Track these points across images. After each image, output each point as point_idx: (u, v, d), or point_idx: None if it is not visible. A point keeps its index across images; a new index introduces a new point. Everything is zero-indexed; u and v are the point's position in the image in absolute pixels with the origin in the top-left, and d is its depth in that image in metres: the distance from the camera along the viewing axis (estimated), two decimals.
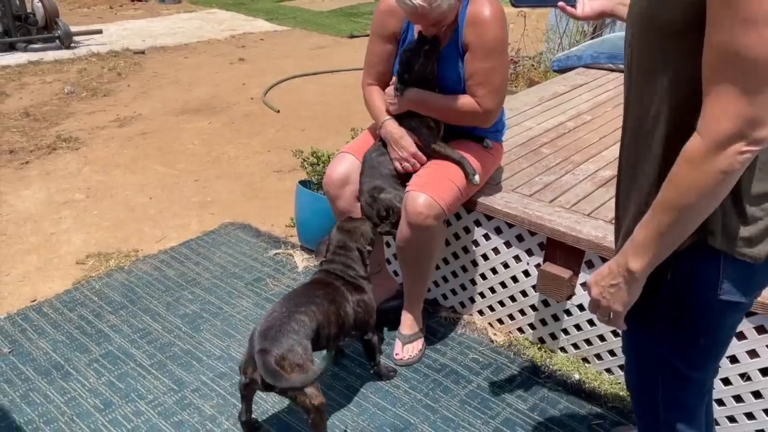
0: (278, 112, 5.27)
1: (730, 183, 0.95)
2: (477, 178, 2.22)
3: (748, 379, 1.91)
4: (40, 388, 2.24)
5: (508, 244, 2.36)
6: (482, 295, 2.55)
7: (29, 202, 3.68)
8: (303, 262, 3.02)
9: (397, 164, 2.25)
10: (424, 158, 2.25)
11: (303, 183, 3.08)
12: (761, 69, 0.87)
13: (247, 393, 1.94)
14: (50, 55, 6.93)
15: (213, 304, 2.72)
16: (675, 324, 1.16)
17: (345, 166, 2.34)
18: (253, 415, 2.02)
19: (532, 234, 2.26)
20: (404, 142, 2.23)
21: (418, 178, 2.20)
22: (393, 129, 2.25)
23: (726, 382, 1.96)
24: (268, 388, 1.78)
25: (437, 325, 2.59)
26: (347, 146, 2.42)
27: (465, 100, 2.14)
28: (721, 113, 0.91)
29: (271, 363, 1.72)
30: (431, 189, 2.12)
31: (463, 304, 2.63)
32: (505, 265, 2.41)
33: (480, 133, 2.34)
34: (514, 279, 2.40)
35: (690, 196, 0.97)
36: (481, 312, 2.58)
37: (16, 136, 4.68)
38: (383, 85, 2.36)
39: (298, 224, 3.12)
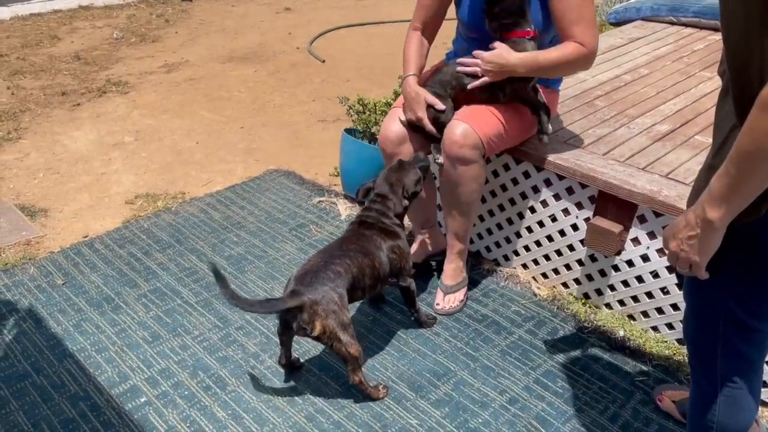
0: (323, 62, 5.22)
1: None
2: (546, 138, 2.15)
3: None
4: (91, 318, 2.32)
5: (557, 197, 2.31)
6: (527, 248, 2.51)
7: (81, 142, 3.76)
8: (346, 211, 3.02)
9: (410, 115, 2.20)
10: (430, 127, 2.15)
11: (348, 131, 3.05)
12: None
13: (284, 337, 1.96)
14: (100, 1, 6.98)
15: (257, 248, 2.75)
16: (743, 273, 1.11)
17: (400, 124, 2.27)
18: (295, 355, 2.05)
19: (583, 187, 2.20)
20: (415, 104, 2.15)
21: (464, 110, 2.14)
22: (409, 87, 2.18)
23: None
24: (302, 332, 1.80)
25: (479, 277, 2.57)
26: (400, 101, 2.33)
27: (569, 48, 1.97)
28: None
29: (294, 303, 1.76)
30: (473, 120, 2.07)
31: (506, 258, 2.60)
32: (553, 219, 2.35)
33: (542, 81, 2.24)
34: (562, 233, 2.35)
35: (765, 143, 0.92)
36: (525, 266, 2.55)
37: (67, 78, 4.76)
38: (429, 35, 2.28)
39: (343, 173, 3.11)
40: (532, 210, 2.41)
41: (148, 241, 2.79)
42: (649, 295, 2.18)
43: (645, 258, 2.14)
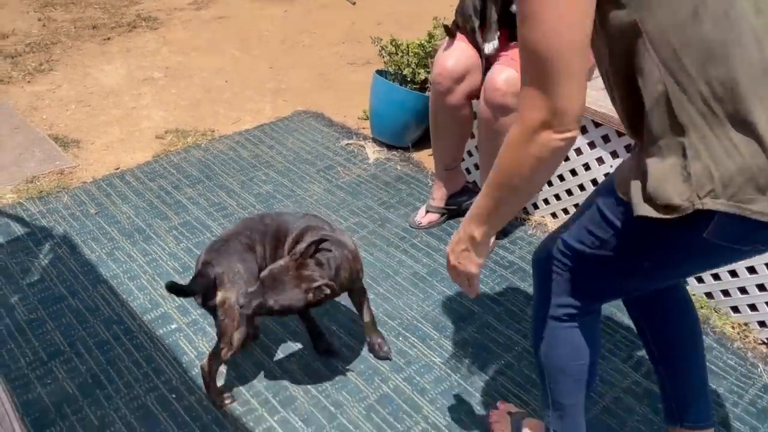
0: (354, 4, 5.11)
1: (545, 168, 1.03)
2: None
3: None
4: (123, 247, 2.37)
5: (592, 145, 2.27)
6: (557, 197, 2.49)
7: (111, 77, 3.76)
8: (374, 154, 3.01)
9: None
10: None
11: (380, 73, 3.01)
12: (551, 63, 0.93)
13: None
14: None
15: (285, 187, 2.76)
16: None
17: (458, 57, 2.16)
18: None
19: (620, 135, 2.16)
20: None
21: (510, 54, 2.08)
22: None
23: None
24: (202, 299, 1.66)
25: (508, 225, 2.55)
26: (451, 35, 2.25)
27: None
28: (530, 103, 0.97)
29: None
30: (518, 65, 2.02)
31: (535, 206, 2.58)
32: (586, 167, 2.32)
33: None
34: (594, 182, 2.32)
35: (512, 178, 1.05)
36: (554, 215, 2.53)
37: (98, 12, 4.74)
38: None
39: (372, 115, 3.08)
40: (566, 158, 2.38)
41: (178, 175, 2.82)
42: None
43: None
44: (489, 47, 2.12)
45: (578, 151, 2.33)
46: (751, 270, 1.97)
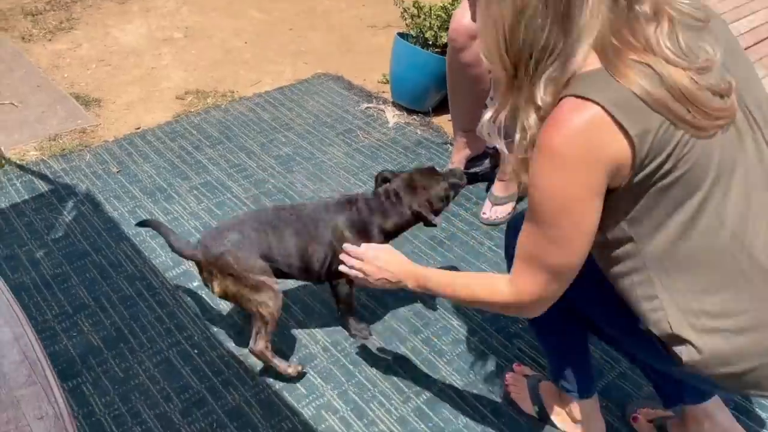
0: None
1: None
2: None
3: None
4: (145, 206, 2.40)
5: None
6: None
7: (131, 36, 3.75)
8: (394, 118, 2.99)
9: None
10: None
11: (401, 36, 2.97)
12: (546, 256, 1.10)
13: None
14: None
15: (305, 149, 2.76)
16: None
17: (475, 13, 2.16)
18: None
19: None
20: None
21: None
22: None
23: None
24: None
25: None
26: None
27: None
28: (531, 279, 1.13)
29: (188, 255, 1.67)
30: None
31: None
32: None
33: None
34: None
35: (476, 306, 1.38)
36: None
37: None
38: None
39: (393, 79, 3.05)
40: None
41: (199, 136, 2.83)
42: None
43: None
44: None
45: None
46: None
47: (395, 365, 1.80)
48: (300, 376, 1.74)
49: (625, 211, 1.05)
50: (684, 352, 1.09)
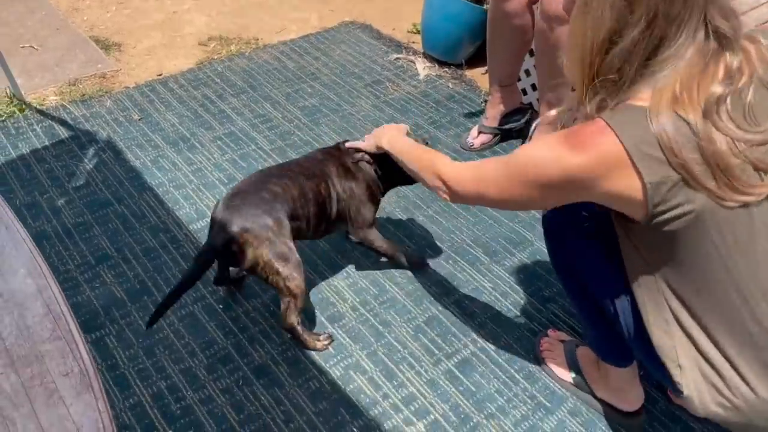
0: None
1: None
2: None
3: None
4: (168, 156, 2.33)
5: None
6: None
7: None
8: (425, 71, 2.87)
9: None
10: None
11: None
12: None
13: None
14: None
15: (332, 101, 2.66)
16: None
17: None
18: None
19: None
20: None
21: None
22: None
23: None
24: (233, 263, 1.58)
25: None
26: None
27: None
28: (470, 183, 1.28)
29: (221, 240, 1.50)
30: None
31: None
32: None
33: None
34: None
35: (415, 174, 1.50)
36: None
37: None
38: None
39: (424, 28, 2.91)
40: None
41: (222, 84, 2.73)
42: None
43: None
44: None
45: None
46: None
47: (425, 327, 1.75)
48: (327, 348, 1.69)
49: (648, 243, 1.08)
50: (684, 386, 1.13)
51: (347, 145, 1.77)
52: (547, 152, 1.06)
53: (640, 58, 0.98)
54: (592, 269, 1.30)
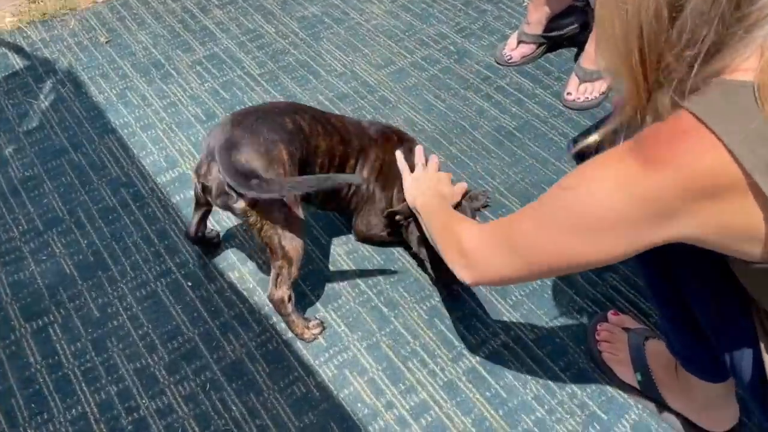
0: None
1: None
2: None
3: None
4: (137, 87, 1.92)
5: None
6: None
7: None
8: None
9: None
10: None
11: None
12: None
13: (200, 205, 1.36)
14: None
15: (337, 8, 2.17)
16: None
17: None
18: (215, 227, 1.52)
19: None
20: None
21: None
22: None
23: None
24: (224, 199, 1.19)
25: None
26: None
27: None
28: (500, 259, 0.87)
29: (238, 161, 1.14)
30: None
31: None
32: None
33: None
34: None
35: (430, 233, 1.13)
36: None
37: None
38: None
39: None
40: None
41: None
42: None
43: None
44: None
45: None
46: None
47: (442, 309, 1.36)
48: (317, 338, 1.33)
49: None
50: None
51: (399, 156, 1.39)
52: (605, 176, 0.71)
53: (729, 5, 0.60)
54: (689, 271, 0.88)
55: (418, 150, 1.40)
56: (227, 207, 1.19)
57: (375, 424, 1.20)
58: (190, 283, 1.43)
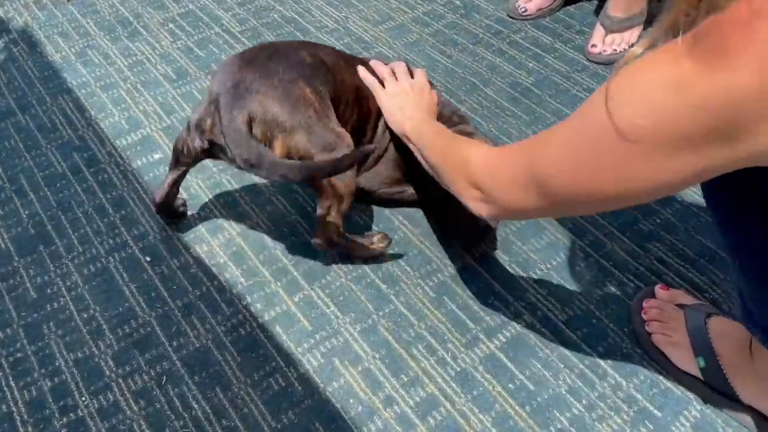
0: None
1: None
2: None
3: None
4: (100, 45, 1.69)
5: None
6: None
7: None
8: None
9: None
10: None
11: None
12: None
13: (179, 164, 1.13)
14: None
15: None
16: None
17: None
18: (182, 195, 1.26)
19: None
20: None
21: None
22: None
23: None
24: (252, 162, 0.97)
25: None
26: None
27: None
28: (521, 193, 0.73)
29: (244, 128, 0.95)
30: None
31: None
32: None
33: None
34: None
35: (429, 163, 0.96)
36: None
37: None
38: None
39: None
40: None
41: None
42: None
43: None
44: None
45: None
46: None
47: (453, 284, 1.12)
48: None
49: None
50: None
51: (363, 71, 1.17)
52: (659, 80, 0.54)
53: None
54: None
55: (374, 62, 1.18)
56: (253, 165, 0.95)
57: (371, 423, 0.96)
58: (148, 258, 1.19)
